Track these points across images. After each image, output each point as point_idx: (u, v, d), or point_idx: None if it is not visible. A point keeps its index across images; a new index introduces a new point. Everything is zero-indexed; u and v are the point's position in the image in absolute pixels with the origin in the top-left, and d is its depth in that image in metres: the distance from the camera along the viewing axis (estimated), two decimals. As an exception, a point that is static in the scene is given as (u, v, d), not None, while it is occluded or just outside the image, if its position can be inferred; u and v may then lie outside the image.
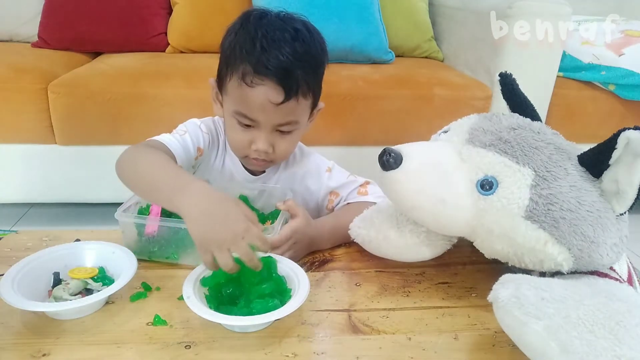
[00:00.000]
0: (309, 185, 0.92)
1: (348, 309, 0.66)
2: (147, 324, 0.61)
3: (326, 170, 0.92)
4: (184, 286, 0.61)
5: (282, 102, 0.75)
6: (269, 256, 0.66)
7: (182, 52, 1.93)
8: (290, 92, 0.74)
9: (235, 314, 0.59)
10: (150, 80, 1.57)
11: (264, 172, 0.92)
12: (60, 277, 0.66)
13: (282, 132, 0.80)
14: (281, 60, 0.73)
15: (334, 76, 1.66)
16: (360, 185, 0.90)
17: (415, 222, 0.70)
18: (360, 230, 0.75)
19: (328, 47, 0.83)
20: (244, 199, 0.79)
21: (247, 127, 0.79)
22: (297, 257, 0.74)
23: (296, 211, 0.75)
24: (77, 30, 1.86)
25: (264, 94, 0.74)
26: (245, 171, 0.91)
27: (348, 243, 0.81)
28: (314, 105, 0.84)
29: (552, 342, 0.50)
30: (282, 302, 0.60)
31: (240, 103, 0.77)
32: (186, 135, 0.84)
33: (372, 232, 0.74)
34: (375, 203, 0.83)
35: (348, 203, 0.90)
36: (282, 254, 0.71)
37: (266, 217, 0.81)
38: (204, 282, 0.62)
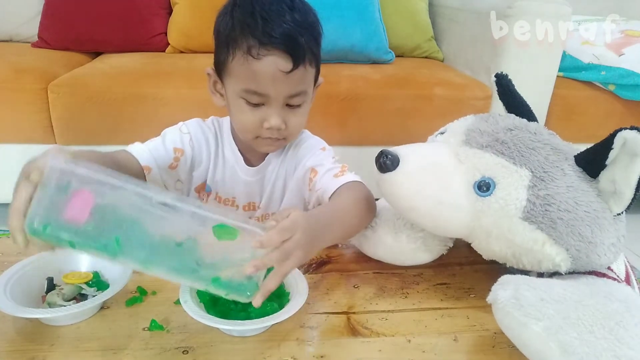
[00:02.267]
0: (306, 163, 0.88)
1: (347, 312, 0.65)
2: (144, 329, 0.60)
3: (321, 149, 0.90)
4: (180, 290, 0.61)
5: (292, 70, 0.73)
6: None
7: (182, 52, 1.93)
8: (298, 59, 0.72)
9: (233, 318, 0.58)
10: (150, 80, 1.57)
11: (263, 160, 0.89)
12: (54, 282, 0.65)
13: (291, 106, 0.78)
14: (285, 28, 0.71)
15: (334, 76, 1.65)
16: (340, 171, 0.84)
17: (413, 227, 0.70)
18: (357, 234, 0.75)
19: (328, 47, 0.81)
20: None
21: (256, 106, 0.77)
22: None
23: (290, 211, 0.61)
24: (77, 30, 1.87)
25: (273, 63, 0.72)
26: (245, 165, 0.89)
27: (345, 244, 0.81)
28: (316, 77, 0.83)
29: (552, 342, 0.50)
30: (281, 306, 0.60)
31: (248, 79, 0.75)
32: (159, 139, 0.84)
33: (369, 236, 0.74)
34: (353, 181, 0.79)
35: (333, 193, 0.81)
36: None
37: None
38: (200, 294, 0.61)
